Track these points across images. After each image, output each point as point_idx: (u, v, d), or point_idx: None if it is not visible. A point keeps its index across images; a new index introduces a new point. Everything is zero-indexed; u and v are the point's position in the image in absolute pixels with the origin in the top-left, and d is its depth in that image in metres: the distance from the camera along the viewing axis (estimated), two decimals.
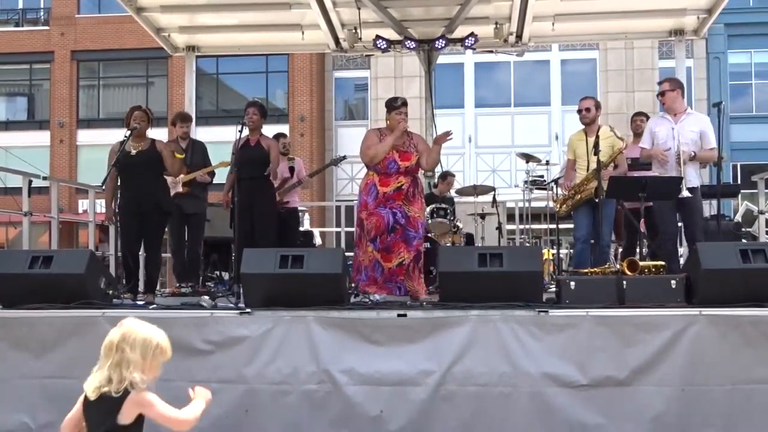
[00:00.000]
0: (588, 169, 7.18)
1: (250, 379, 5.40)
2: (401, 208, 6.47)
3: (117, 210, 6.91)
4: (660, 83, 7.20)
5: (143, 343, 3.04)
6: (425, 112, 9.06)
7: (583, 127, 7.51)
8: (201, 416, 3.18)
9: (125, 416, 2.97)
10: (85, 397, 3.01)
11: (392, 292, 6.59)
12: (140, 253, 7.26)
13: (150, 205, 6.82)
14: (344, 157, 9.84)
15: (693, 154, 6.78)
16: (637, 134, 8.23)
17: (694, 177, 6.88)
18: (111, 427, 2.96)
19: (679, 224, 7.34)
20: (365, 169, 6.70)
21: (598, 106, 7.53)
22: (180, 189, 7.89)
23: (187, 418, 3.10)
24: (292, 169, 8.43)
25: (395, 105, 6.64)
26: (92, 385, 2.97)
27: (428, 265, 7.70)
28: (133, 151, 6.85)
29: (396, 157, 6.55)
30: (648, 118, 8.29)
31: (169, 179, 7.29)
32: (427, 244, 7.73)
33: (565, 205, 7.49)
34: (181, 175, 7.93)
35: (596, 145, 6.94)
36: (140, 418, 3.05)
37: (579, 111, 7.50)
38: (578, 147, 7.42)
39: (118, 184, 6.94)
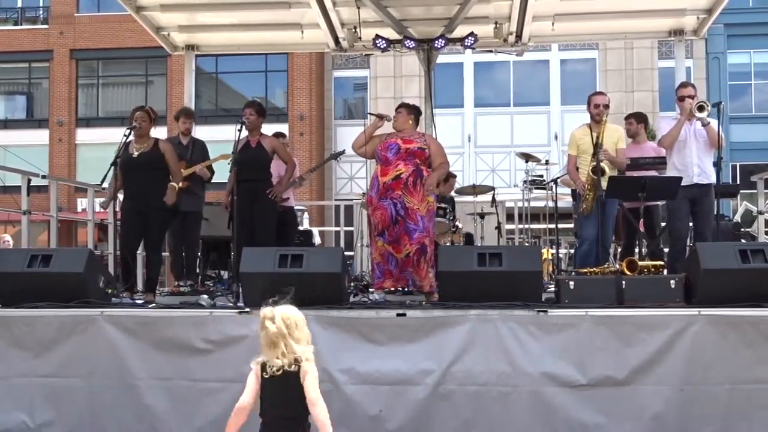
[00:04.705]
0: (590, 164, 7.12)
1: None
2: (400, 199, 6.44)
3: (118, 209, 6.91)
4: (686, 86, 7.26)
5: (300, 321, 3.61)
6: (425, 112, 9.05)
7: (588, 122, 7.44)
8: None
9: (304, 385, 3.54)
10: (268, 383, 3.52)
11: (407, 282, 6.58)
12: (139, 252, 7.26)
13: (153, 205, 6.80)
14: (343, 152, 9.80)
15: (707, 121, 6.90)
16: (629, 136, 8.25)
17: (711, 172, 6.94)
18: (300, 396, 3.51)
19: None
20: (364, 168, 6.74)
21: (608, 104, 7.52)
22: (179, 184, 7.86)
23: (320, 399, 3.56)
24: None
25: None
26: (275, 369, 3.50)
27: None
28: (136, 153, 6.87)
29: (398, 141, 6.60)
30: (636, 120, 8.26)
31: None
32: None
33: (586, 204, 7.21)
34: (181, 170, 7.91)
35: (597, 144, 6.92)
36: None
37: (596, 106, 7.30)
38: (583, 142, 7.32)
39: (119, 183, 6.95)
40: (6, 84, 28.06)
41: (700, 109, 6.86)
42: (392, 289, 6.82)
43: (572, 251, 9.15)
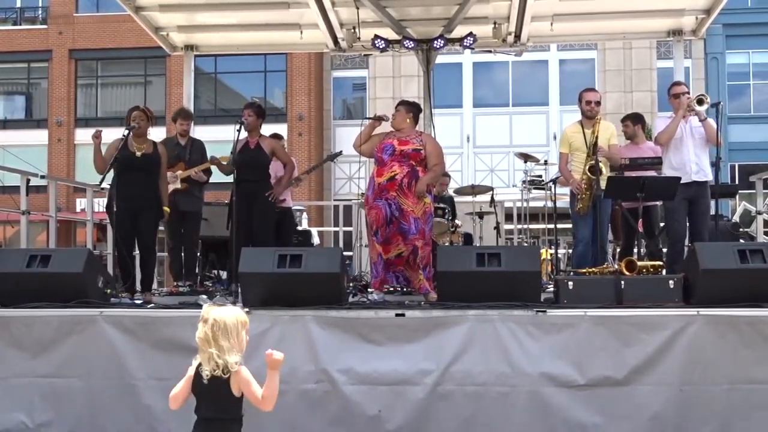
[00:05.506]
0: (586, 162, 7.13)
1: None
2: (395, 200, 6.45)
3: (113, 209, 6.92)
4: (677, 84, 7.34)
5: (231, 328, 3.49)
6: (423, 112, 9.05)
7: (579, 119, 7.45)
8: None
9: (236, 390, 3.49)
10: (198, 381, 3.48)
11: (390, 281, 6.60)
12: (135, 252, 7.28)
13: (144, 204, 6.87)
14: (340, 153, 9.82)
15: (705, 117, 6.91)
16: (627, 138, 8.28)
17: (708, 170, 6.95)
18: (227, 401, 3.48)
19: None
20: (363, 169, 6.72)
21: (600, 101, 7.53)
22: (178, 185, 7.92)
23: (271, 391, 3.50)
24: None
25: None
26: (205, 372, 3.45)
27: None
28: (138, 153, 6.89)
29: (394, 142, 6.58)
30: (633, 121, 8.27)
31: (168, 174, 7.43)
32: None
33: (582, 203, 7.21)
34: (179, 172, 7.95)
35: (595, 144, 6.93)
36: None
37: (588, 102, 7.32)
38: (575, 140, 7.33)
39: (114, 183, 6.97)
40: (5, 84, 28.03)
41: (700, 102, 6.87)
42: (390, 289, 6.83)
43: (571, 251, 9.15)
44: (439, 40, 8.65)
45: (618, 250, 8.48)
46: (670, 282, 5.71)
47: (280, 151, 7.64)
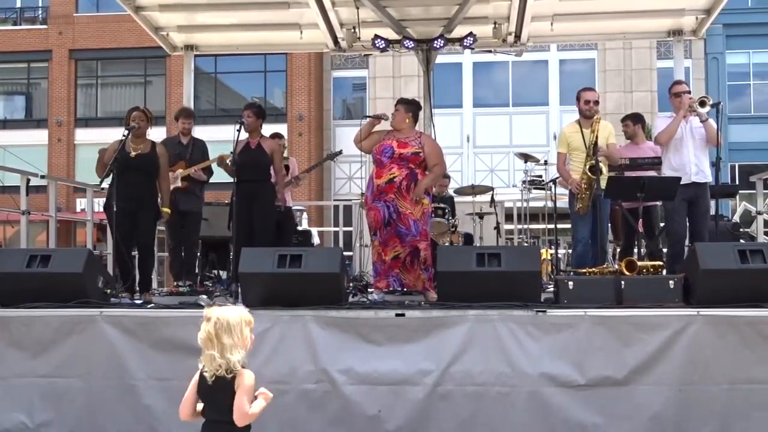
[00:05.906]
0: (585, 162, 7.13)
1: None
2: (393, 203, 6.46)
3: (111, 208, 6.94)
4: (680, 83, 7.32)
5: (234, 325, 3.45)
6: (423, 112, 9.04)
7: (577, 119, 7.43)
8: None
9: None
10: (202, 383, 3.46)
11: (390, 285, 6.61)
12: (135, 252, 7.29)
13: (142, 205, 6.90)
14: (340, 152, 9.84)
15: (706, 117, 6.90)
16: (627, 138, 8.28)
17: (708, 171, 6.94)
18: (228, 404, 3.41)
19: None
20: (363, 169, 6.73)
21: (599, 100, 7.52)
22: (179, 184, 7.93)
23: (251, 413, 3.45)
24: (287, 168, 8.44)
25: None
26: (209, 373, 3.42)
27: None
28: (133, 153, 6.90)
29: (393, 144, 6.57)
30: (633, 121, 8.28)
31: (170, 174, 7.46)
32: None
33: (582, 203, 7.17)
34: (180, 170, 7.97)
35: (595, 144, 6.93)
36: None
37: (587, 102, 7.29)
38: (573, 140, 7.31)
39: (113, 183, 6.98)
40: (5, 84, 28.03)
41: (702, 104, 6.85)
42: (390, 289, 6.84)
43: (571, 251, 9.16)
44: (439, 40, 8.65)
45: (618, 250, 8.48)
46: (670, 282, 5.71)
47: (277, 154, 7.62)
